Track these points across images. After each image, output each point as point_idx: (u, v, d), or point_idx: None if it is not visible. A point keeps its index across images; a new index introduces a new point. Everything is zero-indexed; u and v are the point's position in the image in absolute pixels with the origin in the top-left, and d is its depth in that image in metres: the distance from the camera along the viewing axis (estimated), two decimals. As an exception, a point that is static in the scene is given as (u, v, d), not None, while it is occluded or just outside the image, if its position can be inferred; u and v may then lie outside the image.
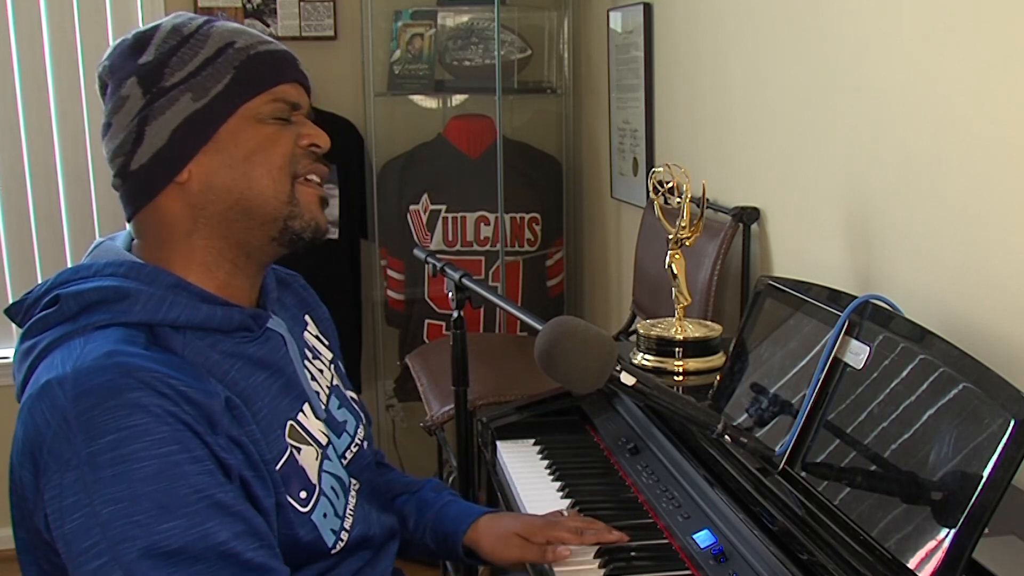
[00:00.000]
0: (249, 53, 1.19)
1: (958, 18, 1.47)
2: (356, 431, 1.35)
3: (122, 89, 1.18)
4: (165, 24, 1.20)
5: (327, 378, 1.33)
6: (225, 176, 1.17)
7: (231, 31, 1.20)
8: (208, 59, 1.17)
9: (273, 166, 1.18)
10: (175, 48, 1.17)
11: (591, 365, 1.24)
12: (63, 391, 1.03)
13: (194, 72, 1.16)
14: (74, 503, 1.00)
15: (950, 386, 1.11)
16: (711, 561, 1.30)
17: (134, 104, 1.17)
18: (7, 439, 1.13)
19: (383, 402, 3.65)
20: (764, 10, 2.09)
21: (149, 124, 1.16)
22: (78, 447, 1.00)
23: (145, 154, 1.17)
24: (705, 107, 2.44)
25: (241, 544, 1.04)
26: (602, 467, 1.70)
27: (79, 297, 1.11)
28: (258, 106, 1.18)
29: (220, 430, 1.07)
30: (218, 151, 1.17)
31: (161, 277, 1.15)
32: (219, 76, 1.17)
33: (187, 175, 1.17)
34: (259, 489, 1.11)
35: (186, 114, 1.16)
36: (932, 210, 1.56)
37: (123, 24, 3.33)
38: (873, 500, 1.15)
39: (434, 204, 3.37)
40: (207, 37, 1.18)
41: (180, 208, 1.18)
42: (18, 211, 3.36)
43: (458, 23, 3.47)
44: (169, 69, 1.16)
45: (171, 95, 1.16)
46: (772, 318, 1.51)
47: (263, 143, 1.18)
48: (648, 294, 2.60)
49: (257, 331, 1.20)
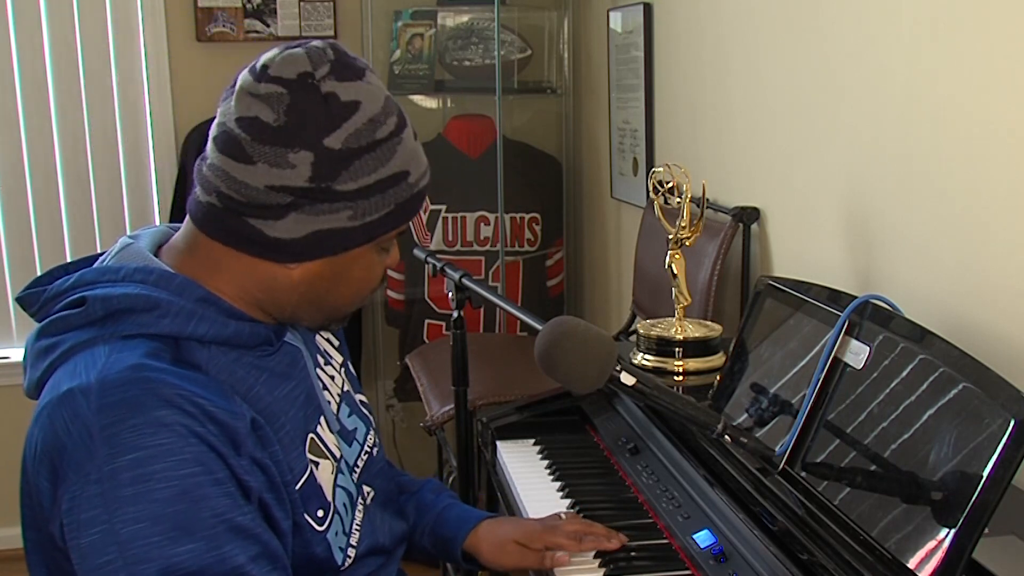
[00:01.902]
0: (413, 192, 1.16)
1: (958, 18, 1.47)
2: (366, 438, 1.34)
3: (292, 153, 1.08)
4: (365, 106, 1.11)
5: (338, 384, 1.33)
6: (323, 282, 1.17)
7: (411, 154, 1.16)
8: (383, 182, 1.12)
9: (364, 292, 1.21)
10: (362, 151, 1.11)
11: (591, 365, 1.24)
12: (87, 402, 1.01)
13: (364, 191, 1.11)
14: (92, 518, 0.99)
15: (950, 386, 1.11)
16: (711, 561, 1.30)
17: (295, 179, 1.09)
18: (8, 440, 1.13)
19: (383, 402, 3.65)
20: (764, 10, 2.09)
21: (298, 211, 1.10)
22: (100, 462, 0.99)
23: (273, 231, 1.11)
24: (705, 107, 2.44)
25: (257, 567, 1.04)
26: (602, 467, 1.70)
27: (107, 302, 1.09)
28: (385, 239, 1.18)
29: (244, 452, 1.07)
30: (334, 262, 1.16)
31: (191, 290, 1.12)
32: (382, 207, 1.13)
33: (295, 267, 1.15)
34: (277, 511, 1.11)
35: (334, 226, 1.11)
36: (932, 210, 1.56)
37: (123, 24, 3.33)
38: (873, 500, 1.15)
39: (434, 204, 3.37)
40: (392, 155, 1.13)
41: (263, 276, 1.15)
42: (18, 211, 3.37)
43: (458, 23, 3.47)
44: (347, 173, 1.10)
45: (335, 204, 1.10)
46: (772, 318, 1.51)
47: (370, 270, 1.20)
48: (648, 294, 2.60)
49: (277, 344, 1.19)
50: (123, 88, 3.37)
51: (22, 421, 1.11)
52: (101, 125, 3.38)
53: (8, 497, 1.40)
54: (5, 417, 3.05)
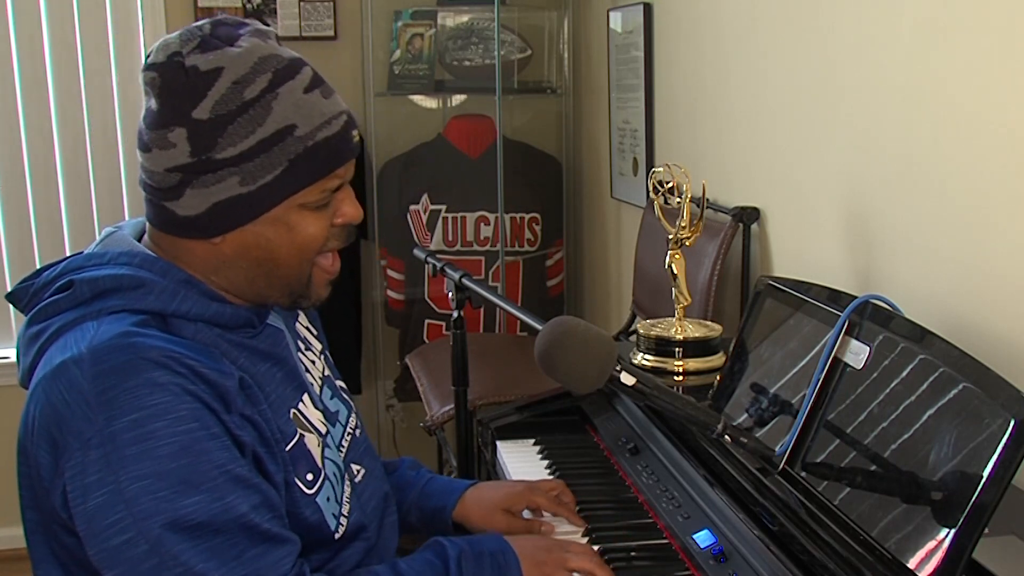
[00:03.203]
0: (307, 144, 1.13)
1: (958, 18, 1.47)
2: (348, 420, 1.38)
3: (169, 132, 1.11)
4: (228, 71, 1.10)
5: (319, 368, 1.36)
6: (258, 252, 1.17)
7: (294, 107, 1.12)
8: (264, 141, 1.11)
9: (305, 252, 1.19)
10: (233, 115, 1.10)
11: (591, 365, 1.24)
12: (80, 370, 1.05)
13: (247, 154, 1.11)
14: (98, 480, 1.02)
15: (950, 386, 1.11)
16: (711, 561, 1.30)
17: (179, 156, 1.11)
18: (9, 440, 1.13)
19: (383, 402, 3.65)
20: (764, 10, 2.09)
21: (191, 187, 1.12)
22: (99, 426, 1.02)
23: (181, 209, 1.14)
24: (705, 107, 2.44)
25: (259, 515, 1.08)
26: (602, 467, 1.70)
27: (93, 283, 1.12)
28: (304, 196, 1.16)
29: (234, 409, 1.10)
30: (256, 229, 1.16)
31: (173, 272, 1.16)
32: (271, 166, 1.12)
33: (220, 240, 1.16)
34: (271, 465, 1.14)
35: (230, 195, 1.12)
36: (932, 210, 1.56)
37: (123, 24, 3.33)
38: (873, 500, 1.15)
39: (434, 204, 3.37)
40: (268, 112, 1.11)
41: (206, 255, 1.18)
42: (18, 211, 3.37)
43: (458, 23, 3.47)
44: (223, 140, 1.10)
45: (219, 172, 1.11)
46: (772, 318, 1.51)
47: (302, 231, 1.18)
48: (648, 294, 2.60)
49: (259, 326, 1.23)
50: (123, 88, 3.37)
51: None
52: (101, 125, 3.38)
53: (8, 497, 1.40)
54: (5, 417, 3.05)
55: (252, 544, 1.07)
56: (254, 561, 1.07)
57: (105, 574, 1.05)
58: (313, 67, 1.18)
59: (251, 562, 1.07)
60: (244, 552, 1.07)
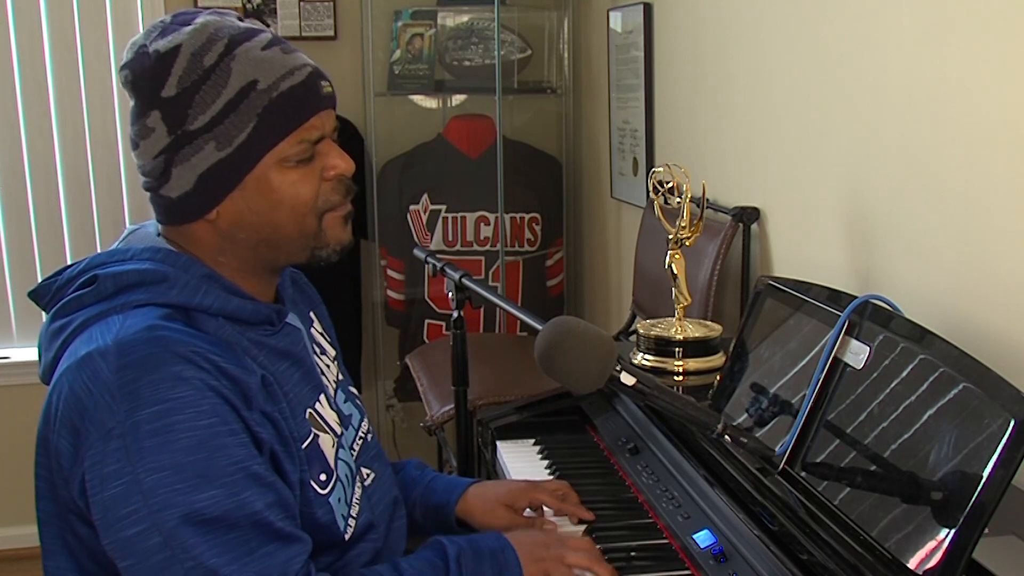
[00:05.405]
0: (271, 96, 1.15)
1: (958, 18, 1.47)
2: (360, 425, 1.40)
3: (147, 119, 1.16)
4: (185, 46, 1.14)
5: (333, 373, 1.38)
6: (253, 218, 1.19)
7: (253, 64, 1.15)
8: (231, 102, 1.14)
9: (299, 211, 1.20)
10: (197, 84, 1.14)
11: (591, 365, 1.24)
12: (106, 362, 1.06)
13: (217, 118, 1.14)
14: (116, 470, 1.04)
15: (950, 386, 1.11)
16: (711, 561, 1.30)
17: (159, 139, 1.16)
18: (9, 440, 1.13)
19: (383, 402, 3.65)
20: (764, 10, 2.09)
21: (176, 166, 1.16)
22: (121, 417, 1.04)
23: (173, 191, 1.18)
24: (705, 107, 2.44)
25: (272, 514, 1.10)
26: (602, 467, 1.70)
27: (117, 278, 1.14)
28: (283, 151, 1.17)
29: (255, 405, 1.12)
30: (245, 195, 1.18)
31: (195, 267, 1.18)
32: (242, 124, 1.15)
33: (215, 215, 1.19)
34: (287, 463, 1.16)
35: (211, 163, 1.15)
36: (932, 210, 1.56)
37: (123, 24, 3.33)
38: (873, 500, 1.15)
39: (434, 204, 3.37)
40: (228, 73, 1.14)
41: (209, 235, 1.21)
42: (18, 211, 3.36)
43: (458, 23, 3.47)
44: (192, 111, 1.14)
45: (196, 143, 1.15)
46: (772, 318, 1.51)
47: (289, 189, 1.18)
48: (648, 294, 2.60)
49: (279, 325, 1.24)
50: (123, 88, 3.36)
51: (23, 421, 1.12)
52: (101, 125, 3.38)
53: (8, 497, 1.40)
54: (5, 417, 3.07)
55: (264, 541, 1.09)
56: (265, 559, 1.09)
57: (118, 564, 1.07)
58: (274, 33, 1.21)
59: (262, 559, 1.08)
60: (256, 549, 1.08)
